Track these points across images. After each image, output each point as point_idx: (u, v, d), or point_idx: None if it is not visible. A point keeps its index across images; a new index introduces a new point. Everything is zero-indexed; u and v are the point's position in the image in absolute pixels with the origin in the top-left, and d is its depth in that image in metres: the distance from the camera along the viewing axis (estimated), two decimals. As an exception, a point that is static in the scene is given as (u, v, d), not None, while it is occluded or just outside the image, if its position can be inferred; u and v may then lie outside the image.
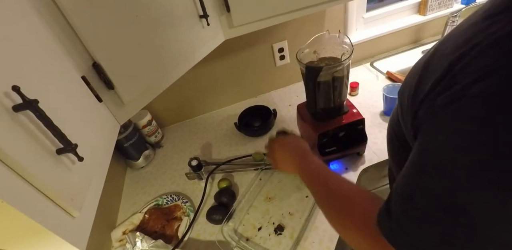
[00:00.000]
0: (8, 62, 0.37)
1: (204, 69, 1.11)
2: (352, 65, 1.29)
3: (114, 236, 0.84)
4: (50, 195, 0.38)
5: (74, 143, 0.40)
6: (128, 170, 1.09)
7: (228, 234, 0.77)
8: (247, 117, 1.17)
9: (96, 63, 0.55)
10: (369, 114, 1.05)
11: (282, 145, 0.69)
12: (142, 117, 1.07)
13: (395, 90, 0.98)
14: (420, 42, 1.37)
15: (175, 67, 0.72)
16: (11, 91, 0.34)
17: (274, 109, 1.14)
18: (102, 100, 0.58)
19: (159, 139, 1.17)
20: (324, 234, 0.75)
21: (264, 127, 1.11)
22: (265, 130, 1.11)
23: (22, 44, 0.41)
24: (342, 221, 0.44)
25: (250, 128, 1.14)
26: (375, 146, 0.94)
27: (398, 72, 1.20)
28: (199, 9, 0.68)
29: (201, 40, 0.74)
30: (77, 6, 0.49)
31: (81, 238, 0.42)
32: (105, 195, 0.70)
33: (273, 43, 1.15)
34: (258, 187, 0.90)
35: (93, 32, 0.52)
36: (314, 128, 0.83)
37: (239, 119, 1.15)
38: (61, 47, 0.49)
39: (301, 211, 0.81)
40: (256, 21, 0.77)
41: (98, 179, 0.51)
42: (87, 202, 0.45)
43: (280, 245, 0.75)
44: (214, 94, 1.23)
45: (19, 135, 0.35)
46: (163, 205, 0.92)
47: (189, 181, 0.98)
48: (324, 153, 0.85)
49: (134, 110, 0.66)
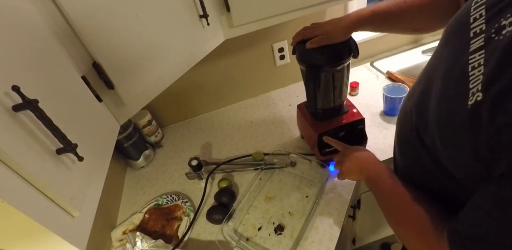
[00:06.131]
0: (8, 62, 0.37)
1: (204, 69, 1.11)
2: (352, 65, 1.28)
3: (114, 236, 0.84)
4: (50, 195, 0.38)
5: (74, 142, 0.40)
6: (128, 170, 1.09)
7: (228, 234, 0.77)
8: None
9: (96, 63, 0.55)
10: (369, 114, 1.05)
11: (351, 159, 0.67)
12: (142, 117, 1.07)
13: (395, 90, 0.98)
14: (420, 42, 1.37)
15: (175, 67, 0.72)
16: (11, 91, 0.34)
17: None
18: (102, 100, 0.58)
19: (159, 138, 1.17)
20: (324, 234, 0.75)
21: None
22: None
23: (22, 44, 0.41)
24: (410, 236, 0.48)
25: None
26: (375, 146, 0.94)
27: (398, 72, 1.20)
28: (199, 9, 0.68)
29: (201, 40, 0.74)
30: (77, 6, 0.49)
31: (81, 237, 0.42)
32: (105, 195, 0.70)
33: (273, 43, 1.15)
34: (258, 187, 0.90)
35: (93, 32, 0.52)
36: (314, 127, 0.83)
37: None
38: (61, 47, 0.49)
39: (301, 211, 0.81)
40: (256, 21, 0.77)
41: (98, 179, 0.51)
42: (87, 202, 0.45)
43: (280, 245, 0.75)
44: (214, 94, 1.23)
45: (19, 134, 0.35)
46: (163, 205, 0.92)
47: (189, 181, 0.98)
48: (324, 153, 0.86)
49: (134, 110, 0.66)
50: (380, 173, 0.57)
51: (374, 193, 0.57)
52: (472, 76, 0.33)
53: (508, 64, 0.29)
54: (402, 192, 0.50)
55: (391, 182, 0.54)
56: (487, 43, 0.33)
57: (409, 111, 0.48)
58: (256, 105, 1.26)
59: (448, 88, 0.37)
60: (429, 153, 0.43)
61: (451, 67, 0.37)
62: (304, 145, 1.01)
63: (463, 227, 0.36)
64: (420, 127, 0.44)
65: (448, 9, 0.53)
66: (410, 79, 1.12)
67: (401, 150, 0.54)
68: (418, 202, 0.47)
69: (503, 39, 0.30)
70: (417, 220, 0.45)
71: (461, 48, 0.36)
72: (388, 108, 1.02)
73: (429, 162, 0.44)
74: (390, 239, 1.47)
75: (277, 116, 1.17)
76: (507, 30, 0.30)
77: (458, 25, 0.39)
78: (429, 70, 0.44)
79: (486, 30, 0.33)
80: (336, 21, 0.65)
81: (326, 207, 0.81)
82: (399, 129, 0.54)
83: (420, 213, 0.45)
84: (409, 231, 0.48)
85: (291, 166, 0.94)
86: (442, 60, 0.41)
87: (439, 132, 0.38)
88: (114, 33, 0.55)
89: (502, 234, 0.31)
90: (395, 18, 0.62)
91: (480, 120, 0.31)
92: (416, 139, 0.45)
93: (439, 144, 0.38)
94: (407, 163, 0.53)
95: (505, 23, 0.31)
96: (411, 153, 0.49)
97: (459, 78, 0.35)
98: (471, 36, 0.35)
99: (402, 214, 0.49)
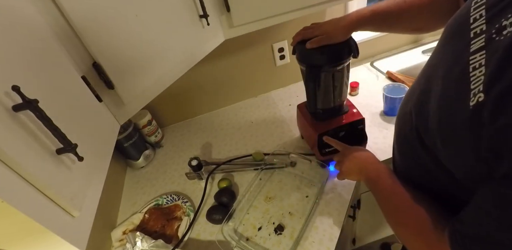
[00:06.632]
0: (8, 62, 0.37)
1: (204, 69, 1.11)
2: (352, 65, 1.28)
3: (114, 236, 0.84)
4: (50, 195, 0.38)
5: (74, 142, 0.40)
6: (128, 170, 1.09)
7: (228, 234, 0.77)
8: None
9: (96, 63, 0.55)
10: (369, 114, 1.05)
11: (350, 159, 0.68)
12: (142, 117, 1.07)
13: (395, 90, 0.98)
14: (420, 42, 1.37)
15: (175, 67, 0.72)
16: (11, 91, 0.34)
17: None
18: (102, 100, 0.58)
19: (159, 138, 1.17)
20: (324, 234, 0.75)
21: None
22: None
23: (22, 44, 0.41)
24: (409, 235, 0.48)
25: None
26: (375, 146, 0.94)
27: (398, 72, 1.20)
28: (199, 9, 0.68)
29: (201, 40, 0.74)
30: (77, 6, 0.49)
31: (81, 237, 0.42)
32: (105, 195, 0.70)
33: (273, 43, 1.15)
34: (258, 187, 0.90)
35: (93, 32, 0.52)
36: (314, 127, 0.83)
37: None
38: (61, 47, 0.49)
39: (301, 211, 0.81)
40: (256, 21, 0.77)
41: (98, 179, 0.51)
42: (87, 202, 0.45)
43: (280, 245, 0.75)
44: (214, 94, 1.23)
45: (19, 134, 0.35)
46: (163, 204, 0.92)
47: (189, 181, 0.98)
48: (324, 153, 0.86)
49: (134, 110, 0.66)
50: (380, 173, 0.57)
51: (373, 193, 0.57)
52: (473, 76, 0.33)
53: (510, 64, 0.29)
54: (402, 192, 0.50)
55: (391, 182, 0.54)
56: (488, 43, 0.33)
57: (408, 112, 0.48)
58: (256, 105, 1.26)
59: (448, 89, 0.37)
60: (429, 153, 0.43)
61: (451, 67, 0.37)
62: (304, 145, 1.01)
63: (464, 226, 0.36)
64: (420, 127, 0.44)
65: (448, 9, 0.53)
66: (410, 79, 1.12)
67: (400, 150, 0.54)
68: (418, 202, 0.47)
69: (504, 39, 0.30)
70: (417, 220, 0.45)
71: (461, 49, 0.36)
72: (388, 108, 1.02)
73: (429, 162, 0.44)
74: (390, 239, 1.47)
75: (277, 116, 1.17)
76: (508, 31, 0.30)
77: (458, 25, 0.39)
78: (428, 71, 0.44)
79: (486, 31, 0.33)
80: (336, 21, 0.65)
81: (326, 207, 0.81)
82: (398, 129, 0.54)
83: (420, 213, 0.45)
84: (409, 231, 0.48)
85: (291, 166, 0.94)
86: (441, 60, 0.41)
87: (440, 132, 0.38)
88: (114, 33, 0.55)
89: (502, 234, 0.31)
90: (395, 18, 0.62)
91: (481, 121, 0.31)
92: (416, 139, 0.45)
93: (440, 144, 0.38)
94: (407, 163, 0.53)
95: (506, 23, 0.31)
96: (411, 153, 0.49)
97: (460, 78, 0.34)
98: (472, 37, 0.35)
99: (402, 214, 0.49)
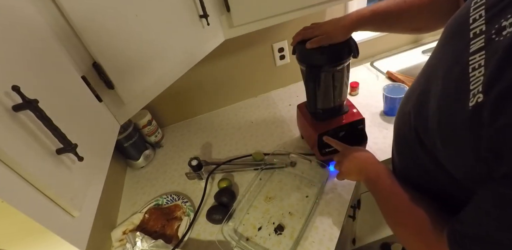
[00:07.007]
0: (8, 62, 0.37)
1: (204, 69, 1.11)
2: (352, 65, 1.28)
3: (114, 236, 0.84)
4: (50, 195, 0.38)
5: (74, 142, 0.40)
6: (128, 170, 1.09)
7: (228, 234, 0.77)
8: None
9: (96, 63, 0.55)
10: (369, 114, 1.05)
11: (350, 159, 0.68)
12: (142, 117, 1.07)
13: (395, 90, 0.98)
14: (420, 42, 1.37)
15: (175, 67, 0.72)
16: (11, 91, 0.34)
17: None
18: (102, 100, 0.58)
19: (159, 138, 1.17)
20: (324, 234, 0.75)
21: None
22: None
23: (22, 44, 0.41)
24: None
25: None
26: (375, 146, 0.94)
27: (398, 72, 1.20)
28: (199, 9, 0.68)
29: (201, 40, 0.74)
30: (77, 6, 0.49)
31: (81, 237, 0.42)
32: (105, 195, 0.70)
33: (273, 43, 1.15)
34: (258, 187, 0.90)
35: (93, 32, 0.52)
36: (314, 127, 0.83)
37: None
38: (61, 47, 0.49)
39: (301, 211, 0.81)
40: (256, 21, 0.77)
41: (98, 179, 0.51)
42: (87, 202, 0.45)
43: (280, 245, 0.75)
44: (214, 94, 1.23)
45: (19, 134, 0.35)
46: (163, 204, 0.92)
47: (189, 181, 0.98)
48: (324, 153, 0.85)
49: (134, 110, 0.66)
50: (380, 174, 0.57)
51: (373, 194, 0.57)
52: (472, 77, 0.33)
53: (509, 65, 0.29)
54: (401, 192, 0.50)
55: (390, 183, 0.54)
56: (487, 44, 0.33)
57: (407, 112, 0.48)
58: (256, 105, 1.26)
59: (448, 89, 0.37)
60: (428, 153, 0.43)
61: (451, 68, 0.37)
62: (304, 145, 1.01)
63: (463, 226, 0.36)
64: (419, 127, 0.44)
65: (448, 9, 0.53)
66: (410, 79, 1.12)
67: (399, 150, 0.54)
68: (417, 202, 0.47)
69: (504, 40, 0.30)
70: (416, 220, 0.45)
71: (461, 49, 0.36)
72: (388, 108, 1.02)
73: (427, 162, 0.44)
74: (390, 239, 1.47)
75: (277, 116, 1.17)
76: (507, 31, 0.30)
77: (457, 25, 0.39)
78: (428, 71, 0.44)
79: (486, 31, 0.33)
80: (336, 21, 0.65)
81: (326, 207, 0.81)
82: (397, 129, 0.54)
83: (419, 213, 0.45)
84: (408, 231, 0.48)
85: (291, 166, 0.94)
86: (441, 60, 0.41)
87: (440, 132, 0.38)
88: (114, 33, 0.55)
89: (502, 233, 0.31)
90: (395, 18, 0.62)
91: (480, 121, 0.31)
92: (415, 139, 0.45)
93: (439, 144, 0.38)
94: (405, 163, 0.53)
95: (505, 24, 0.31)
96: (410, 153, 0.49)
97: (459, 79, 0.34)
98: (471, 37, 0.35)
99: (401, 214, 0.49)
